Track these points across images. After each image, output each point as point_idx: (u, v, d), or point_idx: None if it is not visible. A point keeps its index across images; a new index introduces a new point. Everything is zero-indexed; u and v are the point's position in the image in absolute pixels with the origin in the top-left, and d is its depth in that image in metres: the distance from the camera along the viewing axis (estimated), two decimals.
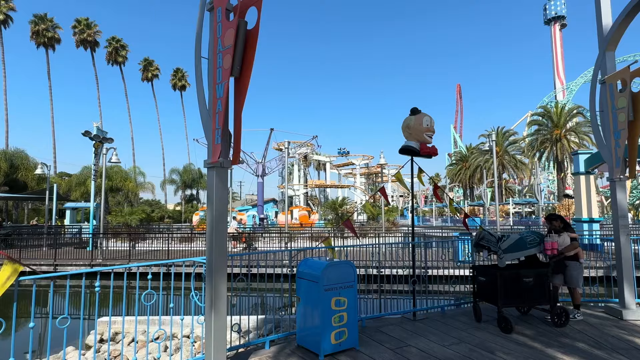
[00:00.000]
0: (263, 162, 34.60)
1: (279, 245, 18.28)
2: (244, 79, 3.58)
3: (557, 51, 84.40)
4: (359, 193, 59.88)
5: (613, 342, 4.83)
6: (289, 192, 56.95)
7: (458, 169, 59.60)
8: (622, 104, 5.69)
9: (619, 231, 6.00)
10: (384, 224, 25.97)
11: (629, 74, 5.55)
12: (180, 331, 4.06)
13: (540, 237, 5.64)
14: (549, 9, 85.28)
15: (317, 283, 4.41)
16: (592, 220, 17.20)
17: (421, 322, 5.78)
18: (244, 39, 3.53)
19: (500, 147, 49.30)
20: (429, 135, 5.83)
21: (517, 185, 63.57)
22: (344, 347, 4.49)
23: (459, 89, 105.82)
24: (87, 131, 19.32)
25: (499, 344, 4.78)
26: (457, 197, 66.84)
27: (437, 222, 49.84)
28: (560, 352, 4.47)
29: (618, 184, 6.04)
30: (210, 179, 3.76)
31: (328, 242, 5.63)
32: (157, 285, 4.20)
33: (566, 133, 42.86)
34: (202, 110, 3.86)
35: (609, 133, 5.98)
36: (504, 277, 5.27)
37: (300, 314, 4.70)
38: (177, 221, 46.25)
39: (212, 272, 3.64)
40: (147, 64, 60.42)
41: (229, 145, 3.72)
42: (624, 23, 5.69)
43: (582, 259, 6.00)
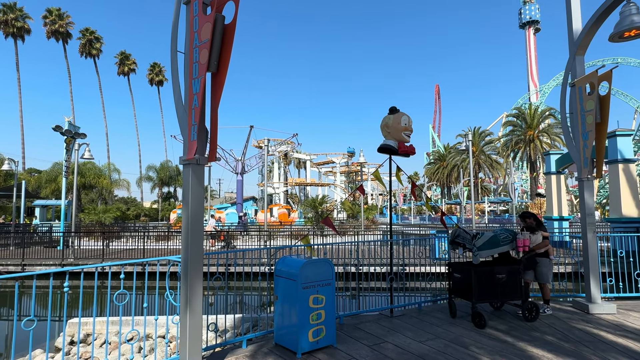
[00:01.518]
0: (242, 160, 34.24)
1: (259, 243, 18.14)
2: (220, 75, 3.52)
3: (531, 54, 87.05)
4: (339, 191, 60.13)
5: (580, 335, 5.03)
6: (269, 190, 56.64)
7: (436, 168, 60.68)
8: (590, 107, 5.91)
9: (586, 229, 6.24)
10: (363, 222, 26.18)
11: (596, 78, 5.77)
12: (155, 331, 3.97)
13: (512, 234, 5.81)
14: (524, 13, 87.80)
15: (295, 281, 4.40)
16: (562, 219, 17.84)
17: (398, 318, 5.85)
18: (221, 33, 3.47)
19: (477, 147, 50.50)
20: (407, 134, 5.90)
21: (493, 184, 65.29)
22: (322, 344, 4.50)
23: (438, 89, 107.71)
24: (57, 126, 18.61)
25: (473, 339, 4.90)
26: (435, 195, 68.09)
27: (416, 220, 50.63)
28: (530, 346, 4.62)
29: (586, 184, 6.28)
30: (186, 176, 3.68)
31: (306, 240, 5.62)
32: (131, 285, 4.09)
33: (539, 134, 44.29)
34: (178, 105, 3.78)
35: (578, 134, 6.20)
36: (478, 274, 5.40)
37: (278, 312, 4.68)
38: (154, 219, 45.25)
39: (187, 270, 3.57)
40: (124, 57, 58.72)
41: (205, 142, 3.65)
42: (592, 29, 5.90)
43: (552, 255, 6.22)
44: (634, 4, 5.31)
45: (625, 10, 5.33)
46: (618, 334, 5.05)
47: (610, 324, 5.48)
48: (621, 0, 5.39)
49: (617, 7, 5.54)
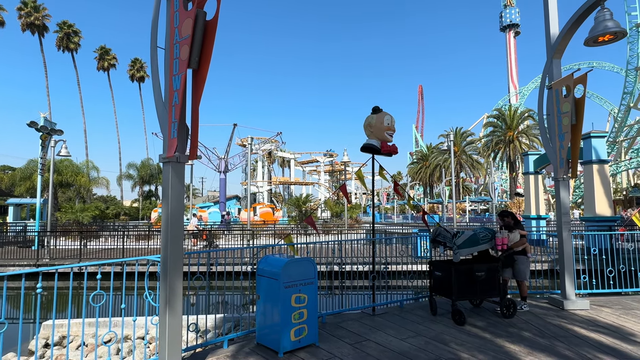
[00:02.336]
0: (226, 158, 33.89)
1: (242, 242, 17.99)
2: (202, 71, 3.47)
3: (511, 57, 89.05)
4: (323, 190, 60.22)
5: (555, 330, 5.18)
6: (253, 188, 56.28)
7: (419, 167, 61.43)
8: (566, 109, 6.08)
9: (561, 227, 6.43)
10: (346, 221, 26.30)
11: (572, 81, 5.94)
12: (133, 333, 3.88)
13: (492, 233, 5.93)
14: (504, 17, 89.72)
15: (277, 280, 4.38)
16: (539, 217, 18.34)
17: (380, 316, 5.90)
18: (202, 29, 3.41)
19: (458, 147, 51.37)
20: (389, 133, 5.95)
21: (474, 183, 66.57)
22: (304, 343, 4.50)
23: (421, 90, 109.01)
24: (32, 122, 18.00)
25: (453, 335, 4.98)
26: (418, 194, 68.97)
27: (399, 219, 51.19)
28: (507, 342, 4.73)
29: (562, 183, 6.47)
30: (166, 174, 3.61)
31: (289, 239, 5.61)
32: (109, 285, 4.00)
33: (518, 135, 45.37)
34: (158, 102, 3.70)
35: (554, 135, 6.38)
36: (458, 272, 5.50)
37: (260, 311, 4.66)
38: (134, 218, 44.33)
39: (167, 270, 3.50)
40: (104, 52, 57.18)
41: (186, 140, 3.59)
42: (568, 33, 6.07)
43: (530, 253, 6.38)
44: (607, 10, 5.49)
45: (600, 16, 5.51)
46: (591, 329, 5.22)
47: (584, 320, 5.66)
48: (596, 6, 5.57)
49: (592, 13, 5.72)
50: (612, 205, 14.99)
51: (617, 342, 4.71)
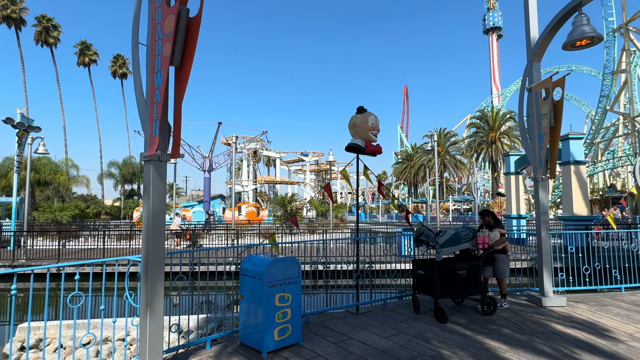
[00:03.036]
0: (210, 157, 33.53)
1: (226, 242, 17.84)
2: (185, 69, 3.42)
3: (493, 59, 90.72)
4: (309, 189, 60.21)
5: (533, 327, 5.31)
6: (238, 188, 55.84)
7: (403, 167, 62.02)
8: (545, 111, 6.24)
9: (540, 226, 6.59)
10: (332, 220, 26.36)
11: (551, 84, 6.10)
12: (113, 334, 3.80)
13: (473, 232, 6.04)
14: (487, 20, 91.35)
15: (261, 280, 4.36)
16: (519, 217, 18.75)
17: (364, 315, 5.94)
18: (185, 26, 3.37)
19: (442, 147, 52.08)
20: (374, 133, 5.99)
21: (457, 183, 67.60)
22: (287, 343, 4.50)
23: (406, 90, 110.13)
24: (8, 118, 17.42)
25: (435, 333, 5.05)
26: (403, 194, 69.65)
27: (384, 218, 51.58)
28: (488, 339, 4.83)
29: (541, 183, 6.63)
30: (147, 172, 3.55)
31: (273, 238, 5.59)
32: (87, 286, 3.91)
33: (500, 136, 46.28)
34: (139, 100, 3.64)
35: (534, 137, 6.54)
36: (441, 270, 5.58)
37: (244, 311, 4.63)
38: (116, 218, 43.43)
39: (148, 270, 3.45)
40: (84, 47, 55.77)
41: (168, 138, 3.54)
42: (548, 37, 6.23)
43: (510, 252, 6.52)
44: (585, 15, 5.65)
45: (577, 21, 5.67)
46: (567, 325, 5.37)
47: (561, 316, 5.82)
48: (573, 11, 5.72)
49: (570, 18, 5.88)
50: (588, 205, 15.45)
51: (592, 338, 4.86)
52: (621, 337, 4.88)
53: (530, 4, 6.72)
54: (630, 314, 5.91)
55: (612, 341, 4.74)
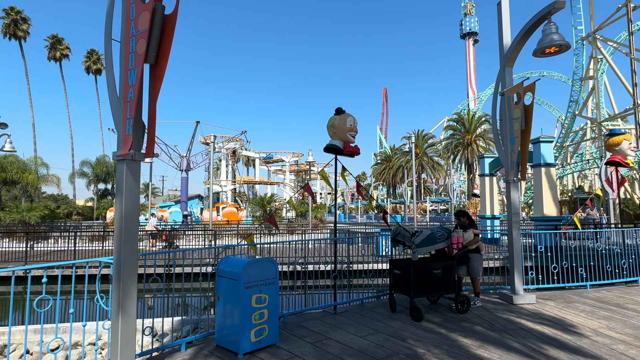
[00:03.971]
0: (188, 156, 32.94)
1: (204, 243, 17.57)
2: (160, 67, 3.36)
3: (470, 64, 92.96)
4: (289, 190, 60.02)
5: (504, 324, 5.48)
6: (216, 188, 55.06)
7: (382, 168, 62.71)
8: (517, 115, 6.46)
9: (512, 226, 6.81)
10: (311, 220, 26.37)
11: (522, 89, 6.32)
12: (83, 339, 3.67)
13: (448, 232, 6.18)
14: (464, 25, 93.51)
15: (238, 281, 4.34)
16: (493, 217, 19.30)
17: (341, 315, 5.98)
18: (160, 23, 3.31)
19: (420, 149, 52.98)
20: (352, 135, 6.05)
21: (434, 184, 68.88)
22: (264, 344, 4.48)
23: (385, 92, 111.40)
24: None
25: (410, 331, 5.14)
26: (382, 195, 70.40)
27: (363, 218, 51.97)
28: (461, 336, 4.95)
29: (512, 185, 6.85)
30: (120, 172, 3.47)
31: (251, 239, 5.56)
32: (56, 290, 3.77)
33: (476, 138, 47.48)
34: (112, 97, 3.55)
35: (506, 140, 6.75)
36: (417, 270, 5.68)
37: (220, 313, 4.58)
38: (88, 218, 42.04)
39: (120, 272, 3.37)
40: (55, 41, 53.68)
41: (142, 137, 3.47)
42: (519, 44, 6.45)
43: (483, 251, 6.71)
44: (554, 24, 5.89)
45: (547, 29, 5.90)
46: (536, 322, 5.58)
47: (530, 313, 6.04)
48: (543, 20, 5.95)
49: (540, 26, 6.10)
50: (558, 206, 16.06)
51: (558, 333, 5.07)
52: (586, 333, 5.10)
53: (504, 13, 6.94)
54: (594, 310, 6.18)
55: (577, 336, 4.96)
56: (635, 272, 8.46)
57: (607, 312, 6.08)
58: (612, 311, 6.12)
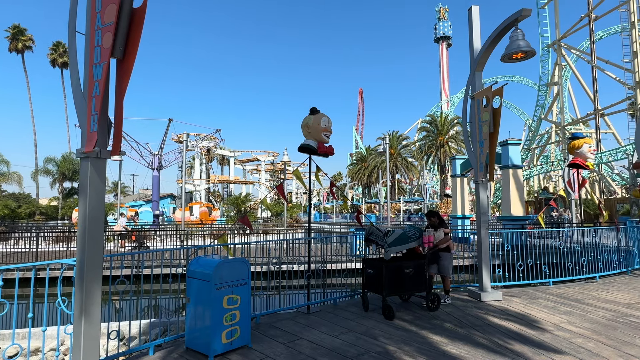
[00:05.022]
0: (160, 155, 32.06)
1: (176, 243, 17.16)
2: (127, 62, 3.25)
3: (443, 67, 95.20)
4: (264, 189, 59.54)
5: (472, 320, 5.64)
6: (190, 187, 53.92)
7: (358, 168, 63.28)
8: (485, 118, 6.66)
9: (480, 226, 7.02)
10: (286, 220, 26.28)
11: (491, 92, 6.53)
12: (42, 344, 3.50)
13: (420, 231, 6.30)
14: (438, 29, 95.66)
15: (209, 282, 4.26)
16: (464, 217, 19.85)
17: (314, 314, 5.99)
18: (128, 16, 3.20)
19: (395, 149, 53.80)
20: (326, 135, 6.06)
21: (408, 185, 70.14)
22: (236, 345, 4.42)
23: (361, 93, 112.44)
24: None
25: (382, 330, 5.21)
26: (357, 195, 71.02)
27: (338, 218, 52.27)
28: (431, 333, 5.06)
29: (481, 186, 7.07)
30: (84, 170, 3.33)
31: (223, 239, 5.47)
32: (13, 293, 3.58)
33: (448, 140, 48.69)
34: (76, 92, 3.41)
35: (476, 142, 6.96)
36: (389, 269, 5.76)
37: (191, 315, 4.49)
38: (53, 218, 40.25)
39: (83, 275, 3.23)
40: (17, 32, 50.94)
41: (107, 134, 3.34)
42: (488, 49, 6.66)
43: (453, 250, 6.89)
44: (520, 31, 6.12)
45: (514, 36, 6.12)
46: (502, 318, 5.77)
47: (497, 309, 6.25)
48: (511, 27, 6.17)
49: (508, 32, 6.32)
50: (524, 206, 16.69)
51: (522, 328, 5.27)
52: (548, 327, 5.32)
53: (474, 18, 7.15)
54: (556, 306, 6.47)
55: (540, 331, 5.17)
56: (594, 269, 8.92)
57: (567, 307, 6.37)
58: (572, 306, 6.42)
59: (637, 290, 7.68)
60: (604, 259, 9.17)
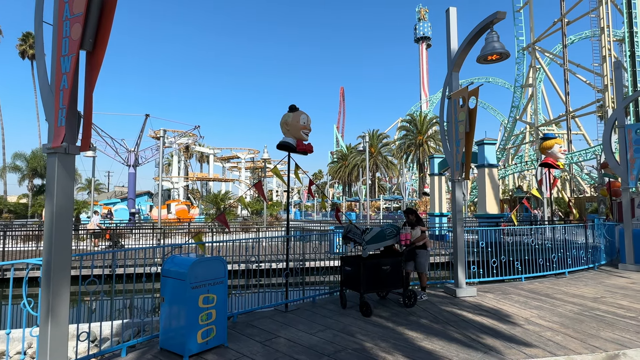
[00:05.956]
0: (136, 151, 31.25)
1: (152, 242, 16.78)
2: (97, 54, 3.13)
3: (423, 67, 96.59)
4: (244, 187, 58.98)
5: (447, 316, 5.76)
6: (168, 184, 52.82)
7: (339, 166, 63.49)
8: (462, 117, 6.79)
9: (456, 223, 7.17)
10: (265, 218, 26.12)
11: (467, 93, 6.66)
12: (7, 348, 3.35)
13: (397, 229, 6.38)
14: (418, 29, 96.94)
15: (184, 281, 4.19)
16: (442, 215, 20.22)
17: (293, 312, 5.98)
18: (98, 8, 3.09)
19: (375, 148, 54.28)
20: (305, 132, 6.05)
21: (388, 183, 70.92)
22: (212, 345, 4.37)
23: (342, 91, 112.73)
24: None
25: (360, 327, 5.25)
26: (338, 193, 71.29)
27: (318, 216, 52.33)
28: (407, 329, 5.14)
29: (457, 184, 7.21)
30: (51, 166, 3.20)
31: (199, 237, 5.38)
32: None
33: (427, 139, 49.47)
34: (43, 85, 3.27)
35: (452, 141, 7.09)
36: (366, 266, 5.81)
37: (165, 314, 4.40)
38: (22, 216, 38.71)
39: (50, 275, 3.11)
40: None
41: (76, 128, 3.22)
42: (465, 50, 6.79)
43: (430, 247, 7.01)
44: (495, 33, 6.26)
45: (489, 37, 6.26)
46: (476, 313, 5.92)
47: (471, 305, 6.40)
48: (486, 29, 6.30)
49: (483, 34, 6.46)
50: (499, 204, 17.15)
51: (495, 323, 5.41)
52: (519, 322, 5.49)
53: (451, 20, 7.26)
54: (527, 301, 6.68)
55: (512, 325, 5.32)
56: (563, 265, 9.26)
57: (538, 302, 6.59)
58: (542, 301, 6.65)
59: (602, 285, 8.02)
60: (573, 256, 9.53)
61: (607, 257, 10.78)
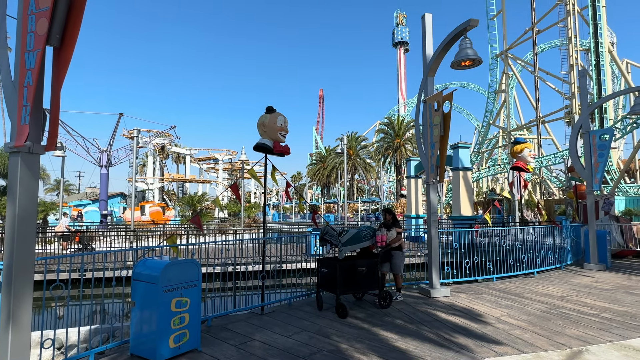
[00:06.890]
0: (109, 151, 30.30)
1: (125, 245, 16.29)
2: (65, 51, 3.03)
3: (401, 71, 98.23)
4: (222, 189, 58.17)
5: (421, 316, 5.86)
6: (142, 185, 51.48)
7: (317, 168, 63.59)
8: (436, 121, 6.94)
9: (430, 225, 7.30)
10: (243, 220, 25.85)
11: (441, 97, 6.81)
12: None
13: (373, 231, 6.44)
14: (396, 34, 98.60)
15: (156, 284, 4.09)
16: (418, 217, 20.56)
17: (268, 315, 5.94)
18: (67, 3, 2.99)
19: (354, 150, 54.68)
20: (282, 134, 6.03)
21: (366, 185, 71.56)
22: (185, 349, 4.28)
23: (322, 93, 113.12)
24: None
25: (335, 328, 5.27)
26: (316, 194, 71.35)
27: (297, 218, 52.20)
28: (382, 330, 5.19)
29: (432, 187, 7.35)
30: (13, 166, 3.07)
31: (172, 240, 5.27)
32: None
33: (404, 142, 50.23)
34: (6, 81, 3.13)
35: (427, 144, 7.23)
36: (342, 268, 5.84)
37: (136, 319, 4.28)
38: None
39: (11, 279, 2.98)
40: None
41: (42, 127, 3.10)
42: (439, 56, 6.95)
43: (405, 249, 7.11)
44: (468, 40, 6.44)
45: (463, 44, 6.43)
46: (449, 313, 6.04)
47: (445, 305, 6.53)
48: (460, 36, 6.48)
49: (457, 41, 6.63)
50: (473, 207, 17.59)
51: (467, 322, 5.54)
52: (490, 321, 5.64)
53: (427, 26, 7.42)
54: (498, 300, 6.87)
55: (483, 324, 5.47)
56: (532, 265, 9.58)
57: (508, 301, 6.80)
58: (512, 300, 6.86)
59: (568, 284, 8.36)
60: (542, 256, 9.89)
61: (573, 257, 11.24)
